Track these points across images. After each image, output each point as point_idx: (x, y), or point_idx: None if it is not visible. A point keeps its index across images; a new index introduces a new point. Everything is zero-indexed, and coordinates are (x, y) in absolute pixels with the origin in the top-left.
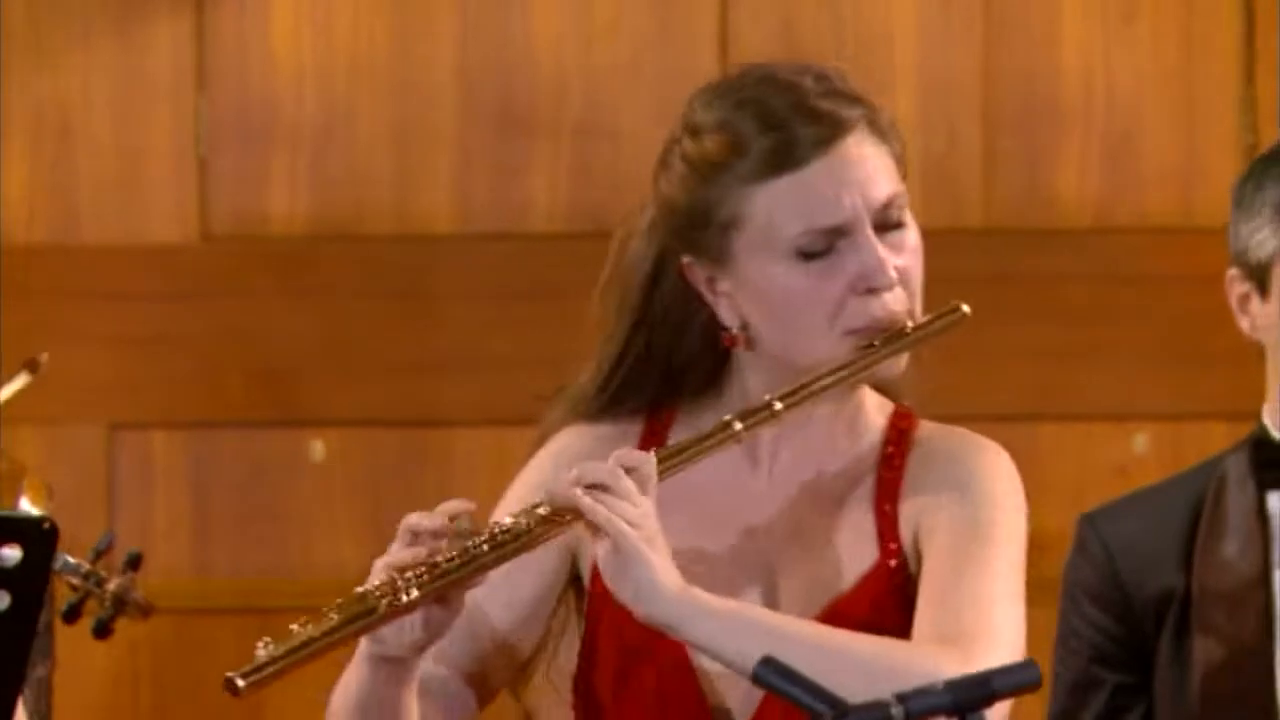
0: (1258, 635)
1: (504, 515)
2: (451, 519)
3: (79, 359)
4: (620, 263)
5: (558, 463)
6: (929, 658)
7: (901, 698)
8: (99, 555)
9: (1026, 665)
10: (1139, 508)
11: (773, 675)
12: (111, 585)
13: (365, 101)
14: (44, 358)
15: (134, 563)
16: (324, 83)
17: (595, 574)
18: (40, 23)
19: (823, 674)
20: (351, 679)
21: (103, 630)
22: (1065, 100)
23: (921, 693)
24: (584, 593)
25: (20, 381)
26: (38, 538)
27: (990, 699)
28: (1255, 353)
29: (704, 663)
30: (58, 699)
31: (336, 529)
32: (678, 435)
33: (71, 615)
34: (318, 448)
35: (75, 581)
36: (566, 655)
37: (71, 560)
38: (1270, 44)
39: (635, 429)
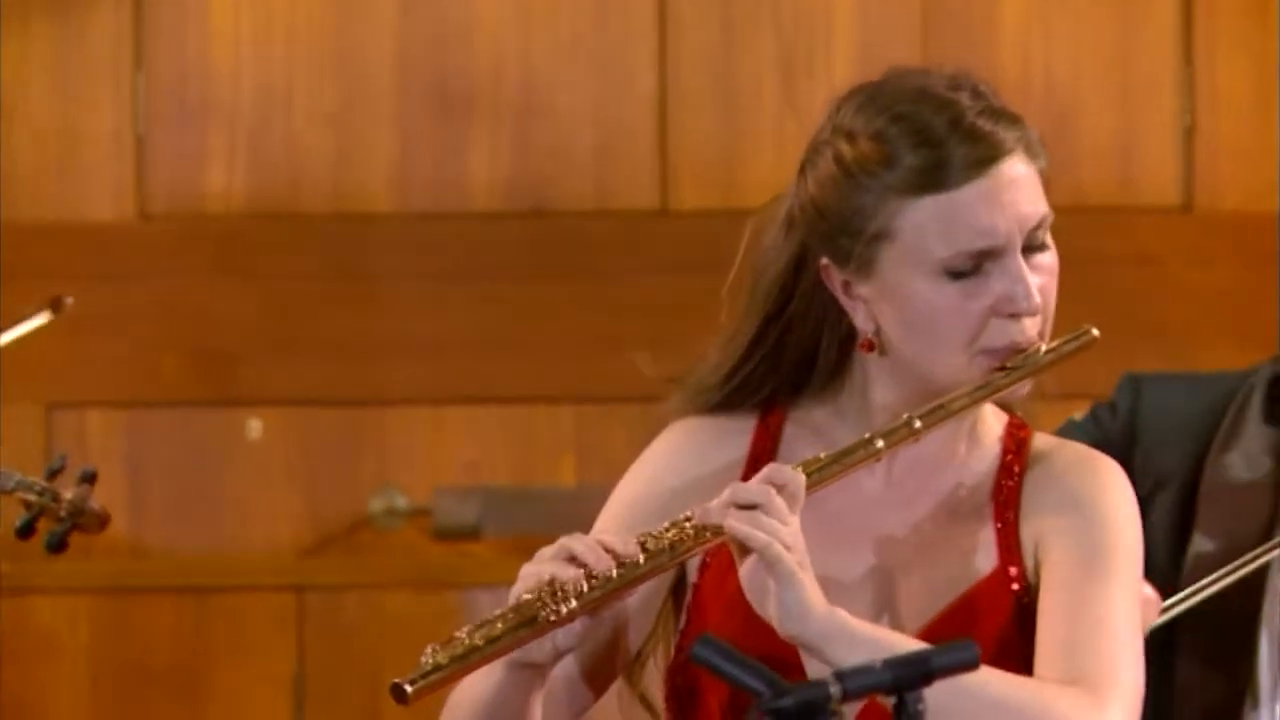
0: (1256, 541)
1: (612, 511)
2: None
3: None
4: (752, 255)
5: (671, 459)
6: (1063, 704)
7: (840, 676)
8: (53, 475)
9: (965, 646)
10: (1182, 389)
11: (711, 654)
12: (68, 495)
13: (303, 80)
14: (69, 300)
15: (89, 478)
16: (262, 61)
17: (703, 570)
18: None
19: (961, 711)
20: (481, 683)
21: (57, 544)
22: (1003, 79)
23: (859, 671)
24: (685, 586)
25: (41, 319)
26: None
27: (928, 678)
28: (1193, 329)
29: (816, 668)
30: None
31: (274, 508)
32: (789, 435)
33: (25, 531)
34: (254, 427)
35: (30, 498)
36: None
37: (26, 478)
38: (1209, 25)
39: (749, 425)
